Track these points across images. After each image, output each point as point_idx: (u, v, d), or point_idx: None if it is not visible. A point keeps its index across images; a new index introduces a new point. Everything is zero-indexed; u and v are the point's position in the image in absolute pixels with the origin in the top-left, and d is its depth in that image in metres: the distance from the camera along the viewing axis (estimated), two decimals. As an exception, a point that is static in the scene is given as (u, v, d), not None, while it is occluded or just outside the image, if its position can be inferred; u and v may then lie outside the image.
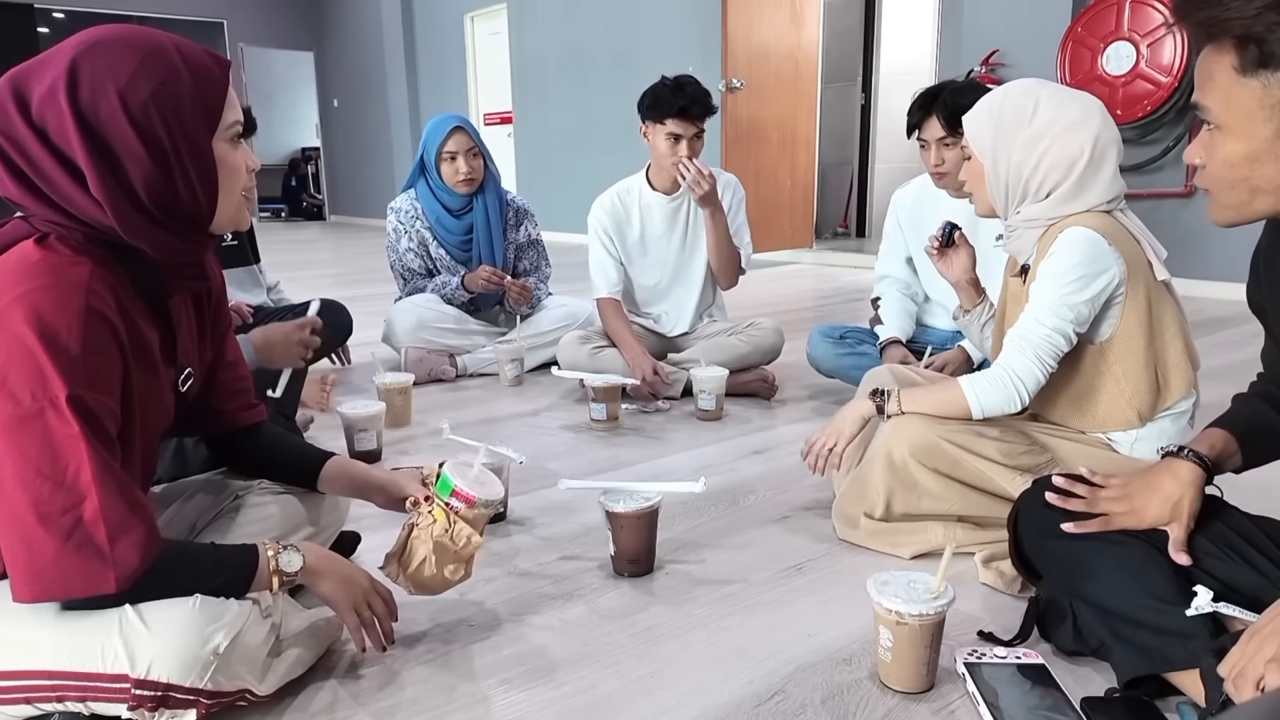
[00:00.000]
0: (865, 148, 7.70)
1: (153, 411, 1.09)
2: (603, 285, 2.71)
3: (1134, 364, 1.47)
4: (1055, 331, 1.44)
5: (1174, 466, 1.18)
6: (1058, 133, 1.44)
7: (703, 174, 2.48)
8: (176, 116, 0.97)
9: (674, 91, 2.49)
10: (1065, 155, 1.44)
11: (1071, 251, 1.42)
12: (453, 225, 3.03)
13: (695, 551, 1.63)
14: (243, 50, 11.70)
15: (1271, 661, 0.90)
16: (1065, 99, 1.47)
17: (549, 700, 1.17)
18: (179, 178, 0.99)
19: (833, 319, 3.55)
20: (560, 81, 8.18)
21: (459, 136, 2.93)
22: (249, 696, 1.07)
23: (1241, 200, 1.01)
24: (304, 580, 1.13)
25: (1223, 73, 0.96)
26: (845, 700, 1.15)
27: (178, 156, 0.98)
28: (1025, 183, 1.48)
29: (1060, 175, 1.45)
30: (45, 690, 0.98)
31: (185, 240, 1.04)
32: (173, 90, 0.97)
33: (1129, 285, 1.44)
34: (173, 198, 0.99)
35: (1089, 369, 1.51)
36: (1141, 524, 1.18)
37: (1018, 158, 1.47)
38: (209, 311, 1.25)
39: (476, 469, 1.30)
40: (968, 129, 1.53)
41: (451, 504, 1.25)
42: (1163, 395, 1.49)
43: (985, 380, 1.49)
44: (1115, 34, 4.37)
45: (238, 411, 1.34)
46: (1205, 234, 4.32)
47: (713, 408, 2.47)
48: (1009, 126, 1.47)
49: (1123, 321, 1.46)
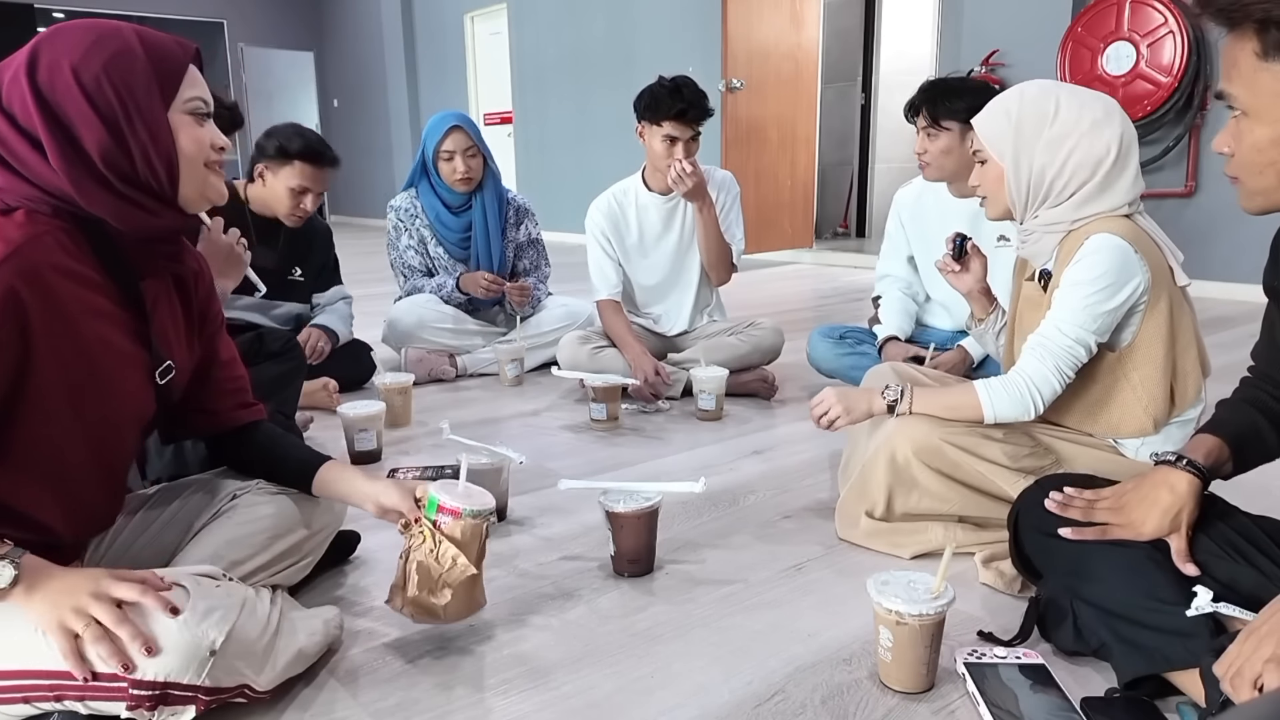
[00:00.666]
0: (865, 148, 7.70)
1: (116, 395, 1.08)
2: (602, 287, 2.71)
3: (1152, 371, 1.45)
4: (1077, 343, 1.43)
5: (1170, 478, 1.17)
6: (1083, 132, 1.42)
7: (686, 170, 2.47)
8: (128, 86, 1.02)
9: (671, 94, 2.48)
10: (1092, 155, 1.42)
11: (1099, 260, 1.40)
12: (452, 223, 3.03)
13: (695, 551, 1.63)
14: (243, 50, 11.70)
15: (1269, 661, 0.90)
16: (1085, 98, 1.45)
17: (549, 700, 1.17)
18: (134, 145, 1.02)
19: (833, 319, 3.56)
20: (560, 81, 8.17)
21: (456, 136, 2.93)
22: (248, 692, 1.07)
23: (1271, 185, 1.01)
24: (17, 601, 0.97)
25: (1246, 59, 0.97)
26: (845, 700, 1.15)
27: (130, 123, 1.02)
28: (1049, 184, 1.46)
29: (1086, 175, 1.43)
30: (43, 690, 0.98)
31: (150, 213, 1.06)
32: (125, 63, 1.02)
33: (1152, 293, 1.42)
34: (130, 166, 1.03)
35: (1106, 375, 1.49)
36: (1140, 537, 1.17)
37: (1041, 160, 1.44)
38: (195, 305, 1.24)
39: (463, 483, 1.28)
40: (982, 133, 1.50)
41: (439, 521, 1.22)
42: (1177, 403, 1.47)
43: (1001, 386, 1.48)
44: (1115, 34, 4.37)
45: (234, 410, 1.34)
46: (1205, 234, 4.32)
47: (713, 408, 2.47)
48: (1030, 128, 1.44)
49: (1143, 329, 1.44)
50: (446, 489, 1.25)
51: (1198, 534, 1.16)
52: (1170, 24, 4.20)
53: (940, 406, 1.54)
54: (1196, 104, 4.27)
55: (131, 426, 1.16)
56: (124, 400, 1.12)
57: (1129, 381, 1.47)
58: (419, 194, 3.05)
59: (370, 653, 1.28)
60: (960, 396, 1.52)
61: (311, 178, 2.47)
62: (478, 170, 2.98)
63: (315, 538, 1.40)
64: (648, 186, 2.71)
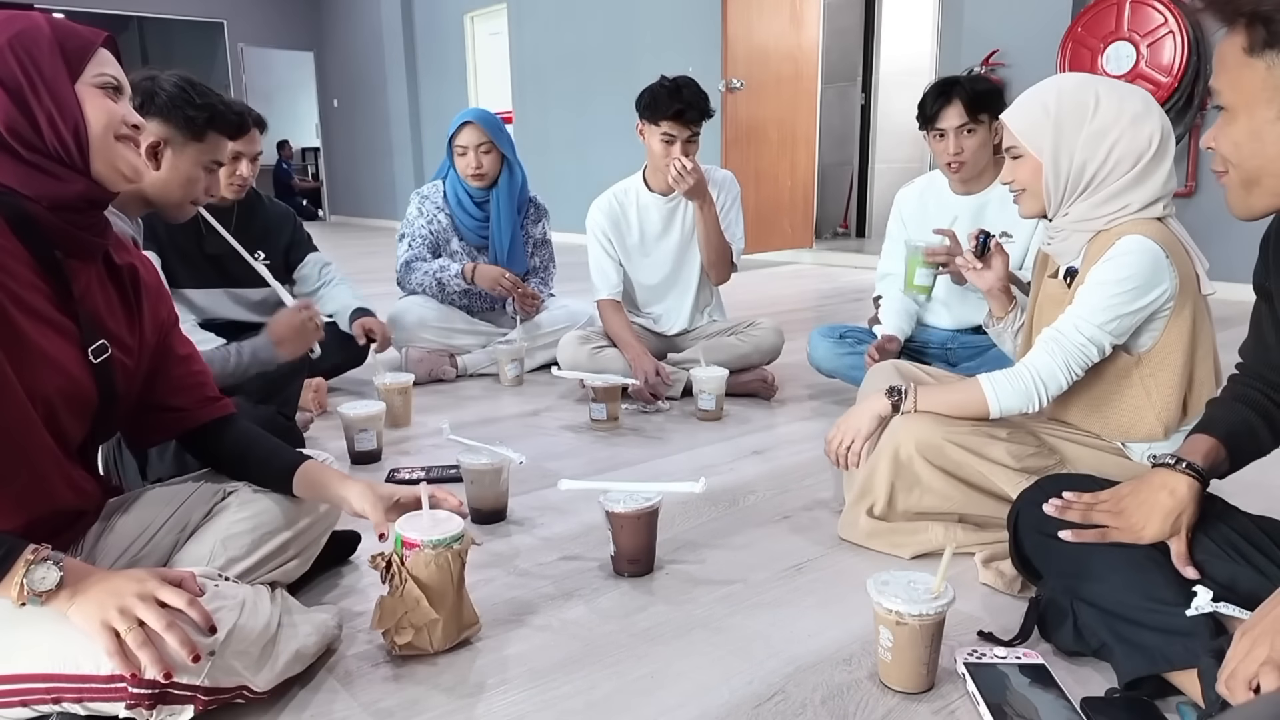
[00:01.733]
0: (865, 148, 7.70)
1: (44, 365, 1.05)
2: (603, 287, 2.72)
3: (1168, 378, 1.45)
4: (1091, 341, 1.42)
5: (1170, 481, 1.17)
6: (1125, 125, 1.41)
7: (686, 169, 2.47)
8: (32, 57, 1.04)
9: (671, 94, 2.49)
10: (1134, 148, 1.41)
11: (1130, 261, 1.39)
12: (474, 211, 3.05)
13: (695, 551, 1.62)
14: (243, 50, 11.70)
15: (1265, 664, 0.90)
16: (1123, 91, 1.44)
17: (549, 700, 1.16)
18: (39, 112, 1.04)
19: (833, 319, 3.56)
20: (560, 81, 8.18)
21: (469, 131, 2.95)
22: (247, 693, 1.07)
23: (1248, 178, 1.01)
24: (60, 605, 0.98)
25: (1233, 54, 0.97)
26: (845, 700, 1.15)
27: (35, 91, 1.04)
28: (1091, 178, 1.44)
29: (1127, 167, 1.42)
30: (41, 692, 0.98)
31: (58, 180, 1.06)
32: (30, 38, 1.05)
33: (1178, 300, 1.41)
34: (35, 133, 1.04)
35: (1121, 377, 1.48)
36: (1140, 540, 1.16)
37: (1083, 154, 1.43)
38: (137, 300, 1.22)
39: (427, 512, 1.27)
40: (1017, 129, 1.48)
41: (405, 557, 1.20)
42: (1189, 412, 1.46)
43: (1006, 380, 1.48)
44: (1115, 34, 4.37)
45: (197, 407, 1.31)
46: (1205, 234, 4.29)
47: (713, 408, 2.47)
48: (1071, 122, 1.43)
49: (1165, 335, 1.43)
50: (412, 521, 1.24)
51: (1197, 534, 1.16)
52: (1170, 24, 4.20)
53: (945, 403, 1.53)
54: (1196, 104, 4.27)
55: (68, 406, 1.11)
56: (53, 372, 1.07)
57: (1145, 387, 1.47)
58: (445, 183, 3.08)
59: (369, 653, 1.28)
60: (965, 392, 1.52)
61: (239, 142, 2.28)
62: (490, 167, 2.98)
63: (312, 531, 1.39)
64: (648, 186, 2.71)
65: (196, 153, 1.65)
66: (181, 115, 1.62)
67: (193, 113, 1.63)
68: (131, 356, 1.21)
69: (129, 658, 0.95)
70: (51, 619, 0.98)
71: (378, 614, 1.22)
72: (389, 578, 1.21)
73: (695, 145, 2.55)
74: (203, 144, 1.65)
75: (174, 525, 1.29)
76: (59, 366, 1.08)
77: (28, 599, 0.96)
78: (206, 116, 1.64)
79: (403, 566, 1.20)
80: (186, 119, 1.63)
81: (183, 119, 1.62)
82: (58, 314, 1.09)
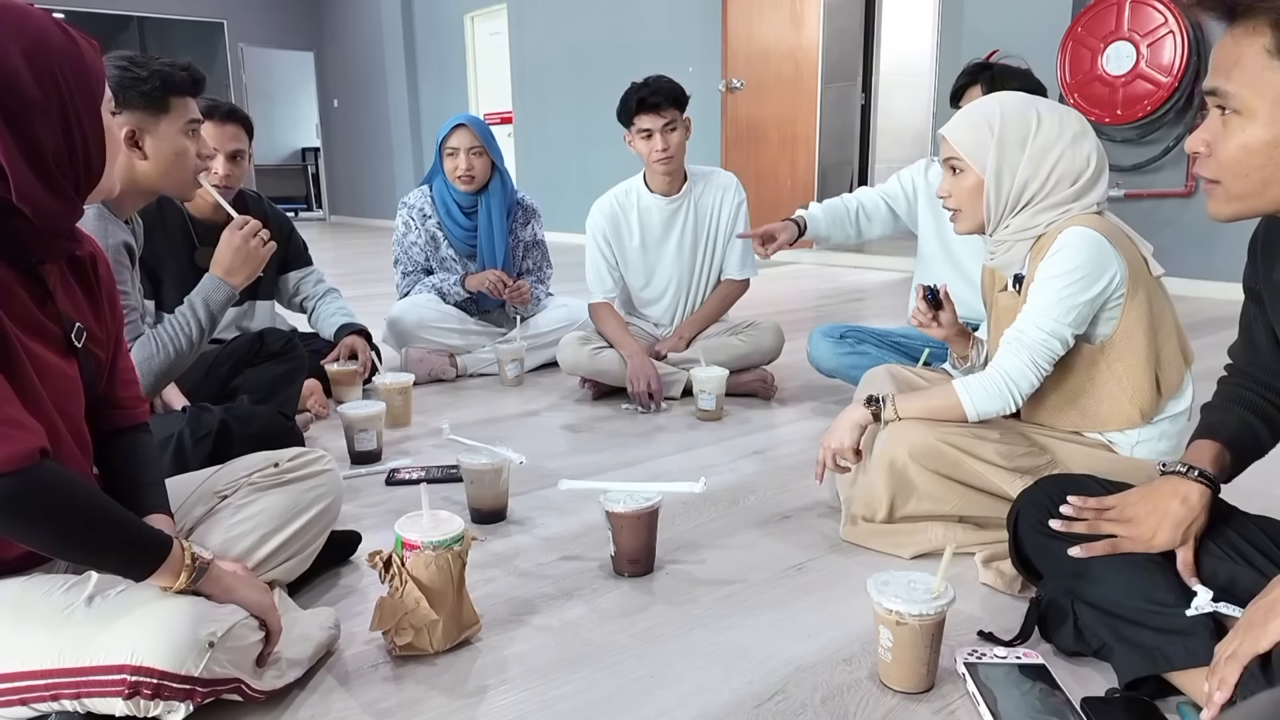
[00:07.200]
0: (865, 148, 7.68)
1: (54, 379, 1.04)
2: (597, 290, 2.72)
3: (1135, 362, 1.47)
4: (1052, 336, 1.44)
5: (1181, 488, 1.16)
6: (1066, 144, 1.46)
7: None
8: (80, 81, 0.99)
9: (635, 91, 2.53)
10: (1074, 166, 1.46)
11: (1073, 252, 1.42)
12: (462, 220, 3.05)
13: (695, 551, 1.62)
14: (243, 50, 11.69)
15: (1230, 657, 0.91)
16: (1060, 111, 1.49)
17: (549, 700, 1.16)
18: (78, 139, 1.00)
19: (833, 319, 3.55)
20: (560, 81, 8.17)
21: (461, 133, 2.95)
22: (245, 689, 1.07)
23: (1253, 190, 0.99)
24: (210, 588, 1.06)
25: (1254, 55, 0.94)
26: (845, 700, 1.15)
27: (78, 118, 0.99)
28: (1031, 195, 1.48)
29: (1066, 186, 1.47)
30: (40, 690, 0.98)
31: (68, 206, 1.03)
32: (73, 53, 0.99)
33: (1130, 284, 1.44)
34: (71, 160, 1.00)
35: (1089, 368, 1.50)
36: (1151, 549, 1.15)
37: (1025, 171, 1.47)
38: (97, 286, 1.18)
39: (427, 513, 1.28)
40: (961, 145, 1.50)
41: (405, 558, 1.21)
42: (1163, 392, 1.49)
43: (979, 384, 1.50)
44: (1115, 34, 4.37)
45: (135, 403, 1.25)
46: (1205, 234, 4.32)
47: (713, 408, 2.47)
48: (1013, 139, 1.47)
49: (1123, 320, 1.46)
50: (412, 522, 1.25)
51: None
52: (1170, 24, 4.20)
53: (923, 409, 1.55)
54: (1196, 104, 4.27)
55: (69, 408, 1.09)
56: (63, 381, 1.06)
57: (1113, 373, 1.49)
58: (433, 189, 3.08)
59: (369, 653, 1.28)
60: (941, 398, 1.53)
61: (215, 138, 2.25)
62: (480, 170, 2.98)
63: (309, 532, 1.38)
64: (649, 188, 2.71)
65: (170, 123, 1.63)
66: (137, 95, 1.59)
67: (145, 87, 1.60)
68: (103, 348, 1.18)
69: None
70: (50, 616, 0.98)
71: (378, 615, 1.22)
72: (389, 579, 1.22)
73: (679, 132, 2.57)
74: (170, 113, 1.63)
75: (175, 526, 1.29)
76: (55, 367, 1.07)
77: (196, 569, 1.03)
78: (159, 83, 1.61)
79: (403, 568, 1.20)
80: (143, 95, 1.60)
81: (140, 98, 1.60)
82: (44, 319, 1.06)
